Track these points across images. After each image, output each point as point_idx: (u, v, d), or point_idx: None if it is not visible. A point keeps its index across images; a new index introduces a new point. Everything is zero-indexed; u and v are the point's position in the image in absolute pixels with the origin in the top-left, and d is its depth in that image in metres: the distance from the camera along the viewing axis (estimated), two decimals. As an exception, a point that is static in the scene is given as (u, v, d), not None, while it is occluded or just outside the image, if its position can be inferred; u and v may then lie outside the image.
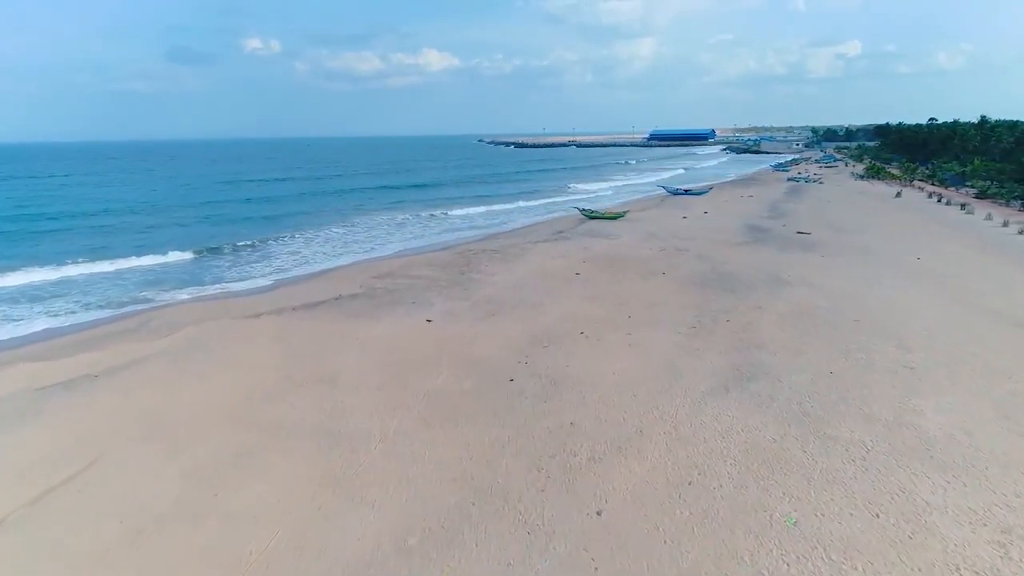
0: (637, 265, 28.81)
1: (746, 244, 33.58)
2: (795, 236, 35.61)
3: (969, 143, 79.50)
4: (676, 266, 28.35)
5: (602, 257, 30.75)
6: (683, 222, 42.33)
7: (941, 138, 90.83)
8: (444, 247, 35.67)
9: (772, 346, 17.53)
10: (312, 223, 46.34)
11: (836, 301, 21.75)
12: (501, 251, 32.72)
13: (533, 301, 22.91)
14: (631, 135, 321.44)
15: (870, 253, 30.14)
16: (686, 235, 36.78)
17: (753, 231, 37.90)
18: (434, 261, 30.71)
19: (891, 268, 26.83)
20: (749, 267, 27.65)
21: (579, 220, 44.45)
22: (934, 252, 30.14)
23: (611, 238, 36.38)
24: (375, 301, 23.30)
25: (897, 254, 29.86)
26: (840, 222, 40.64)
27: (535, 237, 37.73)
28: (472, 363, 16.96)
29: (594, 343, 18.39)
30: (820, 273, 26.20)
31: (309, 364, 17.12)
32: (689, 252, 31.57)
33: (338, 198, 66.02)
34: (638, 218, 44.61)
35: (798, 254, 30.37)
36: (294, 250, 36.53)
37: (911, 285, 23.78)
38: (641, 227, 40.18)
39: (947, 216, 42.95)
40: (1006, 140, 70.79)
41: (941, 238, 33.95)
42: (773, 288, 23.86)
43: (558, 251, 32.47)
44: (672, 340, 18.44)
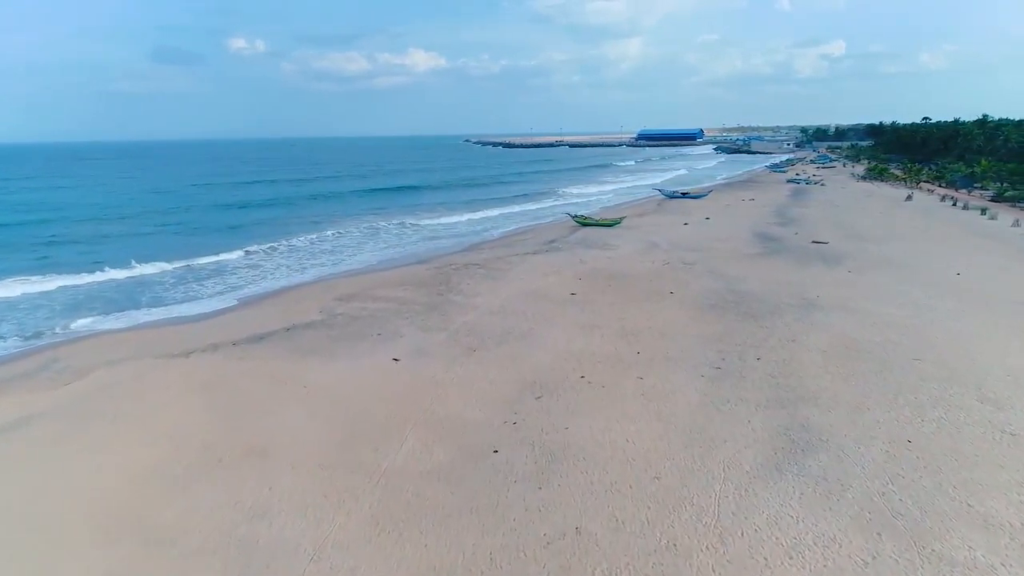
0: (640, 283, 25.26)
1: (759, 256, 30.10)
2: (811, 246, 32.19)
3: (973, 143, 76.73)
4: (685, 284, 24.81)
5: (600, 273, 27.17)
6: (685, 230, 38.84)
7: (942, 138, 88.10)
8: (422, 260, 31.96)
9: (822, 397, 13.99)
10: (281, 231, 42.49)
11: (883, 332, 18.25)
12: (485, 265, 29.05)
13: (522, 330, 19.28)
14: (619, 135, 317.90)
15: (901, 267, 26.73)
16: (691, 245, 33.28)
17: (764, 240, 34.45)
18: (409, 278, 27.00)
19: (932, 287, 23.40)
20: (769, 285, 24.16)
21: (571, 228, 40.86)
22: (973, 266, 26.78)
23: (608, 249, 32.82)
24: (334, 332, 19.56)
25: (932, 268, 26.47)
26: (856, 229, 37.30)
27: (524, 248, 34.10)
28: (446, 424, 13.30)
29: (598, 391, 14.79)
30: (853, 293, 22.74)
31: (238, 426, 13.40)
32: (697, 266, 28.05)
33: (315, 203, 62.17)
34: (635, 225, 41.09)
35: (821, 268, 26.91)
36: (254, 263, 32.70)
37: (966, 310, 20.34)
38: (640, 236, 36.65)
39: (970, 222, 39.74)
40: (1015, 140, 68.03)
41: (975, 249, 30.63)
42: (803, 313, 20.35)
43: (550, 265, 28.86)
44: (695, 387, 14.87)
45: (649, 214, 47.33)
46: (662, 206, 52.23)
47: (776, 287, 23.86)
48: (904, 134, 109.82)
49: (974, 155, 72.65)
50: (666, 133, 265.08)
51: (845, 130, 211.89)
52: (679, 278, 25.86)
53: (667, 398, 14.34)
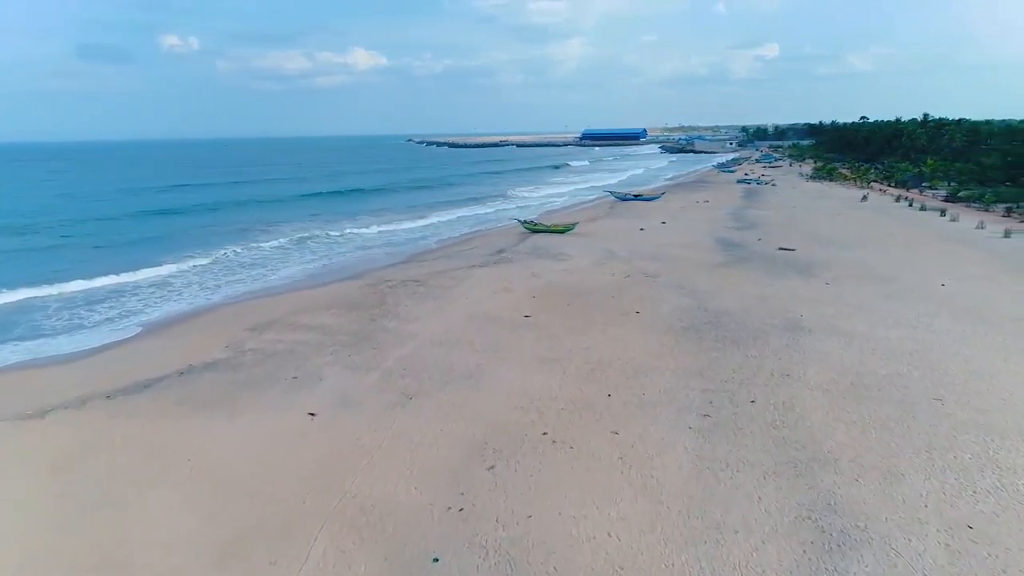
0: (602, 300, 22.46)
1: (726, 266, 27.70)
2: (778, 253, 30.01)
3: (917, 142, 77.10)
4: (651, 301, 22.12)
5: (556, 288, 24.27)
6: (642, 236, 36.34)
7: (886, 137, 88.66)
8: (356, 275, 28.47)
9: (842, 458, 11.32)
10: (201, 242, 38.27)
11: (887, 362, 15.82)
12: (427, 282, 25.80)
13: (470, 367, 16.18)
14: (564, 135, 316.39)
15: (881, 278, 24.64)
16: (650, 253, 30.72)
17: (727, 247, 32.16)
18: (338, 299, 23.55)
19: (920, 302, 21.27)
20: (744, 302, 21.67)
21: (521, 235, 37.91)
22: (954, 276, 24.90)
23: (562, 259, 29.97)
24: (239, 375, 16.06)
25: (913, 279, 24.47)
26: (820, 233, 35.43)
27: (470, 259, 30.95)
28: (371, 514, 10.11)
29: (566, 455, 11.81)
30: (837, 311, 20.40)
31: (87, 530, 9.93)
32: (661, 279, 25.44)
33: (245, 209, 57.60)
34: (589, 231, 38.40)
35: (796, 280, 24.61)
36: (163, 281, 28.66)
37: (967, 331, 18.14)
38: (595, 243, 33.95)
39: (933, 225, 38.41)
40: (959, 140, 68.34)
41: (949, 256, 28.92)
42: (790, 338, 17.83)
43: (499, 280, 25.81)
44: (683, 444, 12.05)
45: (602, 218, 44.76)
46: (615, 209, 49.79)
47: (753, 304, 21.36)
48: (846, 133, 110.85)
49: (919, 154, 72.89)
50: (610, 133, 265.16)
51: (784, 129, 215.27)
52: (644, 294, 23.15)
53: (652, 462, 11.46)
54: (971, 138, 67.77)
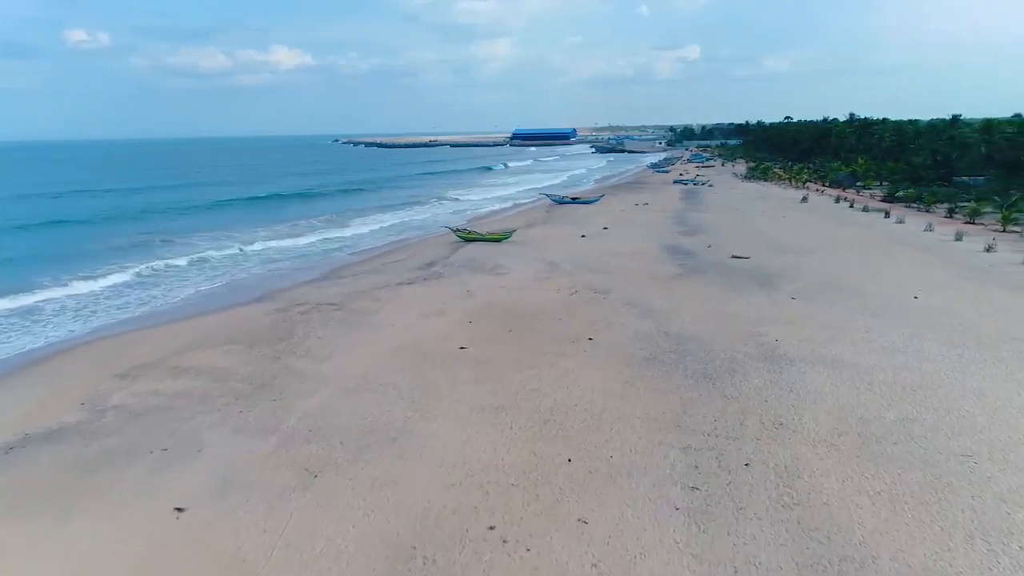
0: (548, 324, 19.61)
1: (679, 279, 25.34)
2: (732, 262, 27.90)
3: (846, 141, 77.81)
4: (605, 324, 19.43)
5: (495, 310, 21.29)
6: (585, 243, 33.77)
7: (815, 136, 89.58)
8: (264, 296, 24.73)
9: (882, 556, 8.71)
10: (89, 260, 33.48)
11: (890, 401, 13.49)
12: (346, 304, 22.38)
13: (393, 426, 12.99)
14: (493, 135, 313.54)
15: (849, 290, 22.69)
16: (596, 264, 28.11)
17: (677, 255, 29.89)
18: (238, 329, 19.88)
19: (900, 318, 19.29)
20: (707, 323, 19.22)
21: (454, 244, 34.74)
22: (923, 286, 23.21)
23: (500, 273, 27.01)
24: (90, 449, 12.36)
25: (882, 291, 22.62)
26: (770, 238, 33.67)
27: (396, 274, 27.60)
28: None
29: (522, 563, 8.82)
30: (814, 332, 18.16)
31: None
32: (612, 296, 22.81)
33: (147, 219, 52.16)
34: (528, 239, 35.57)
35: (759, 295, 22.37)
36: (28, 308, 24.16)
37: (965, 355, 16.10)
38: (535, 253, 31.13)
39: (881, 227, 37.31)
40: (888, 139, 68.99)
41: (910, 262, 27.42)
42: (771, 370, 15.38)
43: (430, 300, 22.63)
44: (672, 538, 9.25)
45: (539, 224, 42.03)
46: (552, 214, 47.16)
47: (718, 326, 18.91)
48: (773, 132, 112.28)
49: (849, 153, 73.43)
50: (540, 133, 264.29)
51: (711, 129, 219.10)
52: (595, 315, 20.44)
53: (636, 569, 8.58)
54: (899, 138, 68.48)
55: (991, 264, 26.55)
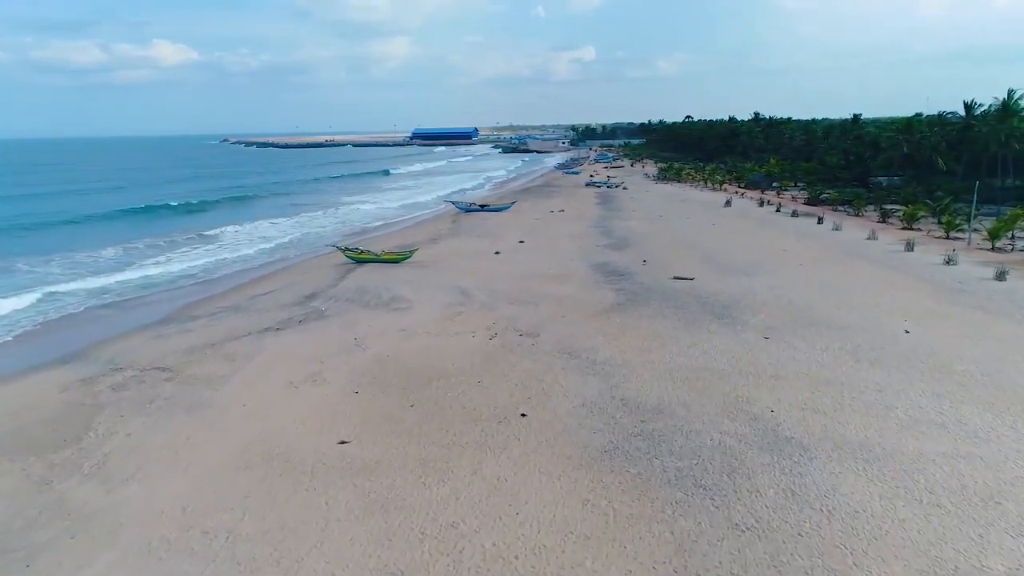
0: (463, 390, 14.51)
1: (621, 311, 20.75)
2: (677, 285, 23.64)
3: (755, 141, 76.77)
4: (538, 388, 14.53)
5: (391, 369, 15.91)
6: (500, 262, 28.77)
7: (722, 135, 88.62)
8: (72, 355, 18.16)
9: None
10: None
11: (983, 527, 9.15)
12: (183, 369, 16.32)
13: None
14: (392, 134, 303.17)
15: (825, 324, 18.73)
16: (517, 291, 23.18)
17: (610, 277, 25.37)
18: (9, 422, 13.51)
19: (908, 367, 15.40)
20: (673, 382, 14.64)
21: (342, 267, 28.89)
22: (905, 313, 19.67)
23: (398, 308, 21.59)
24: None
25: (863, 322, 18.82)
26: (708, 252, 29.80)
27: (264, 314, 21.62)
28: None
29: None
30: (814, 393, 13.91)
31: None
32: (542, 338, 17.94)
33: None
34: (432, 258, 30.17)
35: (723, 333, 18.04)
36: None
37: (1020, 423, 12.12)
38: (442, 278, 25.84)
39: (818, 235, 34.33)
40: (799, 139, 68.00)
41: (874, 281, 24.03)
42: (784, 470, 10.86)
43: (304, 356, 16.96)
44: None
45: (445, 238, 36.65)
46: (459, 224, 41.83)
47: (686, 388, 14.34)
48: (678, 132, 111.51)
49: (758, 153, 72.24)
50: (441, 132, 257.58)
51: (613, 128, 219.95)
52: (524, 371, 15.46)
53: None
54: (807, 137, 67.67)
55: (961, 281, 23.50)
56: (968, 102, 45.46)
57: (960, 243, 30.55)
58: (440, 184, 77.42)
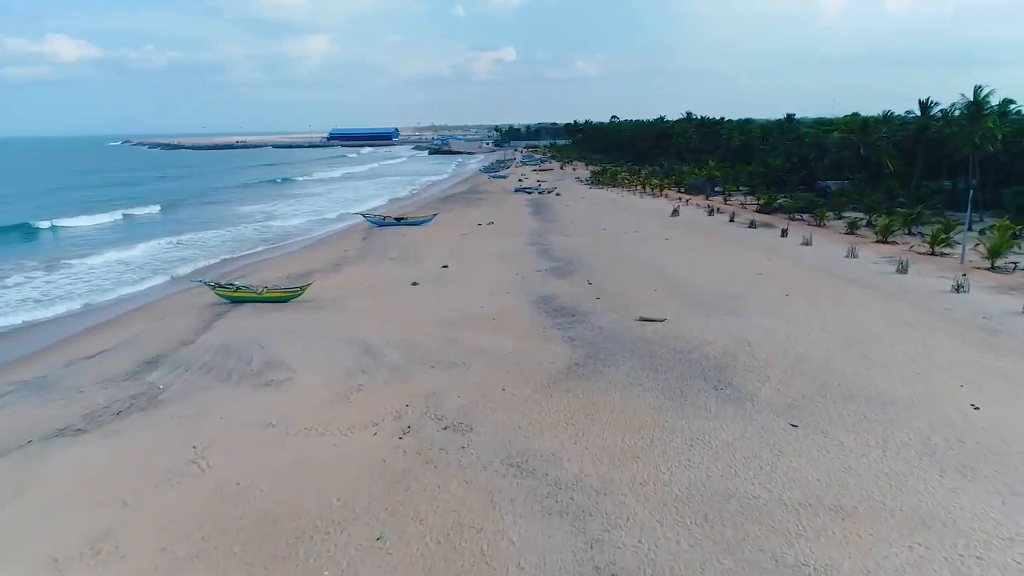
0: (347, 561, 8.64)
1: (578, 377, 15.25)
2: (645, 331, 18.37)
3: (690, 142, 73.23)
4: (474, 549, 8.94)
5: (235, 518, 9.87)
6: (417, 299, 22.84)
7: (655, 136, 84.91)
8: None
9: None
10: None
11: None
12: None
13: None
14: (309, 134, 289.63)
15: (860, 396, 13.77)
16: (440, 349, 17.36)
17: (558, 318, 19.84)
18: None
19: (1017, 482, 10.42)
20: (681, 532, 9.26)
21: (209, 309, 22.26)
22: (948, 369, 14.97)
23: (271, 383, 15.41)
24: None
25: (907, 390, 13.97)
26: (671, 277, 24.71)
27: (72, 396, 14.98)
28: None
29: None
30: (908, 549, 8.76)
31: None
32: (475, 436, 12.33)
33: None
34: (331, 294, 23.89)
35: (733, 420, 12.78)
36: None
37: None
38: (339, 326, 19.72)
39: (791, 253, 29.80)
40: (736, 139, 64.62)
41: (883, 318, 19.38)
42: None
43: (96, 493, 10.71)
44: None
45: (351, 262, 30.24)
46: (371, 243, 35.42)
47: (713, 549, 8.96)
48: (609, 132, 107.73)
49: (694, 155, 68.66)
50: (361, 132, 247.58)
51: (538, 128, 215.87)
52: (450, 511, 9.89)
53: None
54: (745, 138, 64.42)
55: (986, 316, 19.12)
56: (924, 101, 42.51)
57: (951, 261, 26.62)
58: (356, 191, 70.39)
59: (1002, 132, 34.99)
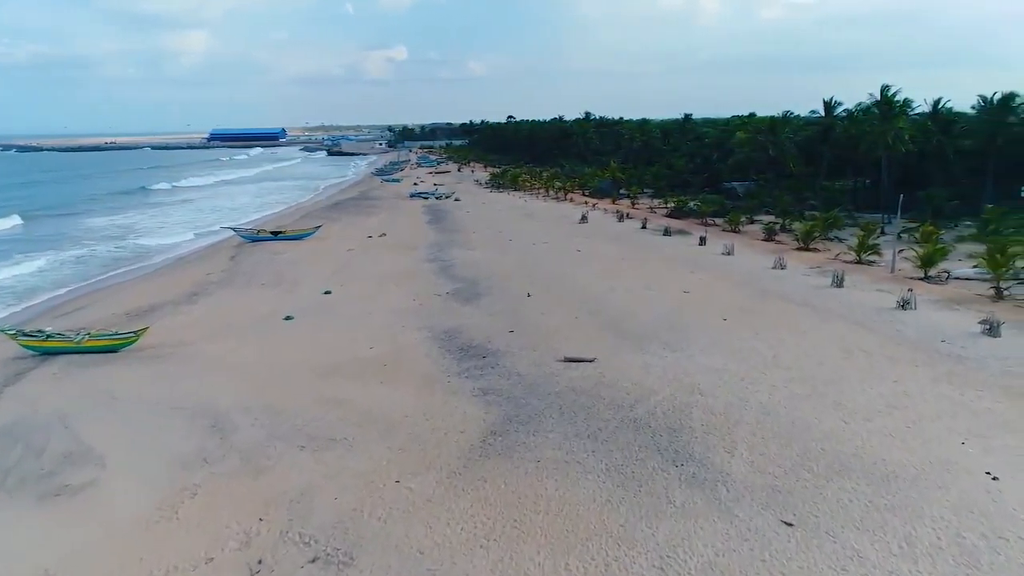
0: None
1: (495, 452, 11.71)
2: (572, 377, 15.04)
3: (590, 143, 71.23)
4: None
5: None
6: (289, 340, 18.54)
7: (555, 136, 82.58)
8: None
9: None
10: None
11: None
12: None
13: None
14: (187, 135, 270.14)
15: (861, 470, 10.93)
16: (314, 416, 13.35)
17: (466, 362, 16.17)
18: None
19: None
20: None
21: (7, 365, 17.02)
22: (939, 418, 12.43)
23: (64, 491, 10.99)
24: None
25: (907, 455, 11.23)
26: (591, 298, 21.58)
27: None
28: None
29: None
30: None
31: None
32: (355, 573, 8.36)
33: None
34: (179, 335, 19.14)
35: (708, 521, 9.60)
36: None
37: None
38: (180, 386, 15.22)
39: (710, 263, 27.40)
40: (638, 140, 63.00)
41: (836, 346, 16.85)
42: None
43: None
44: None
45: (213, 291, 25.19)
46: (239, 262, 30.33)
47: None
48: (506, 132, 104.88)
49: (595, 156, 66.68)
50: (243, 133, 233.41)
51: (432, 128, 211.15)
52: None
53: None
54: (646, 138, 62.98)
55: (945, 339, 16.99)
56: (828, 101, 41.97)
57: (880, 270, 25.00)
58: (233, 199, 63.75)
59: (909, 132, 34.37)
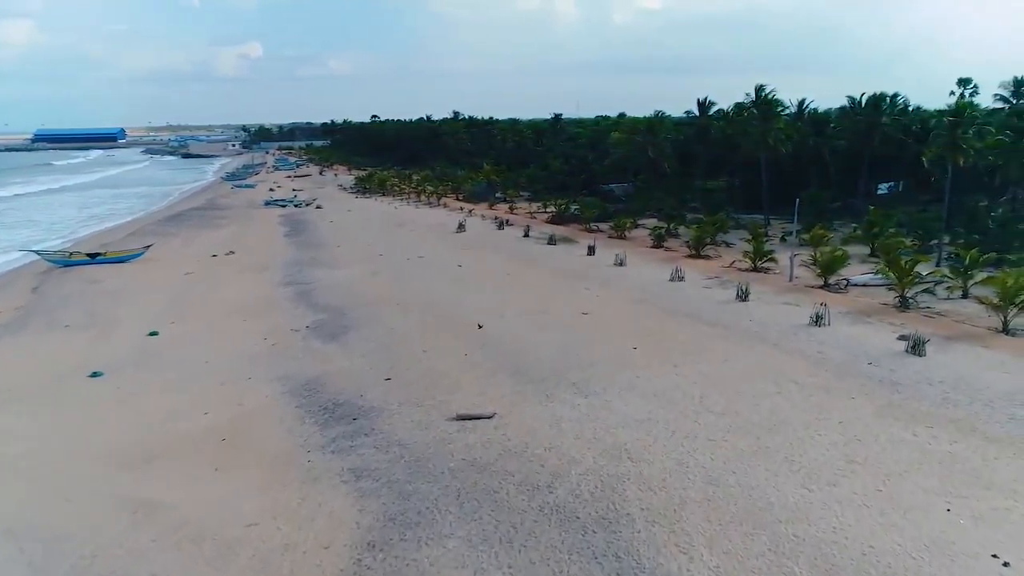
0: None
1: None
2: (469, 443, 11.99)
3: (461, 143, 68.15)
4: None
5: None
6: (94, 404, 14.11)
7: (423, 137, 78.71)
8: None
9: None
10: None
11: None
12: None
13: None
14: (5, 136, 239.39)
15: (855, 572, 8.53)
16: (100, 556, 9.32)
17: (332, 427, 12.66)
18: None
19: None
20: None
21: None
22: (919, 479, 10.52)
23: None
24: None
25: (896, 543, 9.09)
26: (484, 329, 18.47)
27: None
28: None
29: None
30: None
31: None
32: None
33: None
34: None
35: None
36: None
37: None
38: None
39: (607, 278, 25.06)
40: (511, 141, 60.71)
41: (769, 379, 14.79)
42: None
43: None
44: None
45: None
46: (41, 297, 24.43)
47: None
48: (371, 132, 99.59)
49: (467, 157, 63.79)
50: (75, 134, 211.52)
51: (291, 128, 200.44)
52: None
53: None
54: (519, 139, 60.93)
55: (872, 361, 15.48)
56: (702, 101, 41.60)
57: (778, 278, 23.82)
58: (51, 211, 54.93)
59: (787, 133, 34.23)
